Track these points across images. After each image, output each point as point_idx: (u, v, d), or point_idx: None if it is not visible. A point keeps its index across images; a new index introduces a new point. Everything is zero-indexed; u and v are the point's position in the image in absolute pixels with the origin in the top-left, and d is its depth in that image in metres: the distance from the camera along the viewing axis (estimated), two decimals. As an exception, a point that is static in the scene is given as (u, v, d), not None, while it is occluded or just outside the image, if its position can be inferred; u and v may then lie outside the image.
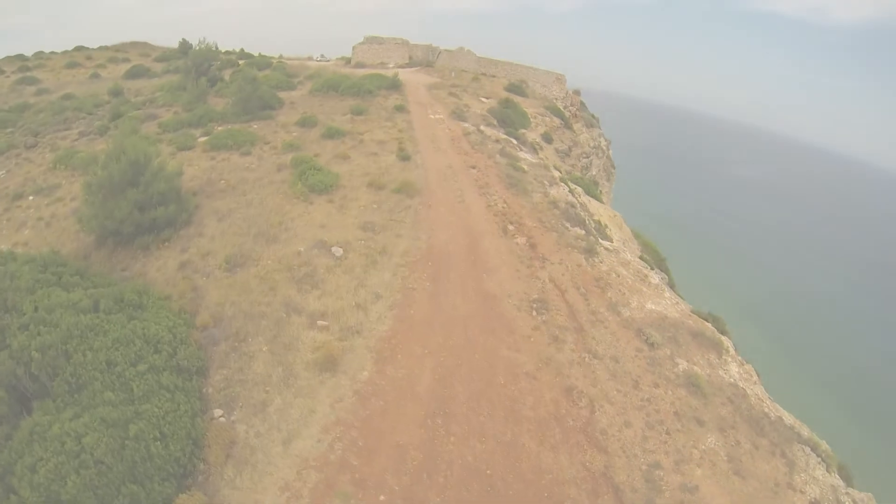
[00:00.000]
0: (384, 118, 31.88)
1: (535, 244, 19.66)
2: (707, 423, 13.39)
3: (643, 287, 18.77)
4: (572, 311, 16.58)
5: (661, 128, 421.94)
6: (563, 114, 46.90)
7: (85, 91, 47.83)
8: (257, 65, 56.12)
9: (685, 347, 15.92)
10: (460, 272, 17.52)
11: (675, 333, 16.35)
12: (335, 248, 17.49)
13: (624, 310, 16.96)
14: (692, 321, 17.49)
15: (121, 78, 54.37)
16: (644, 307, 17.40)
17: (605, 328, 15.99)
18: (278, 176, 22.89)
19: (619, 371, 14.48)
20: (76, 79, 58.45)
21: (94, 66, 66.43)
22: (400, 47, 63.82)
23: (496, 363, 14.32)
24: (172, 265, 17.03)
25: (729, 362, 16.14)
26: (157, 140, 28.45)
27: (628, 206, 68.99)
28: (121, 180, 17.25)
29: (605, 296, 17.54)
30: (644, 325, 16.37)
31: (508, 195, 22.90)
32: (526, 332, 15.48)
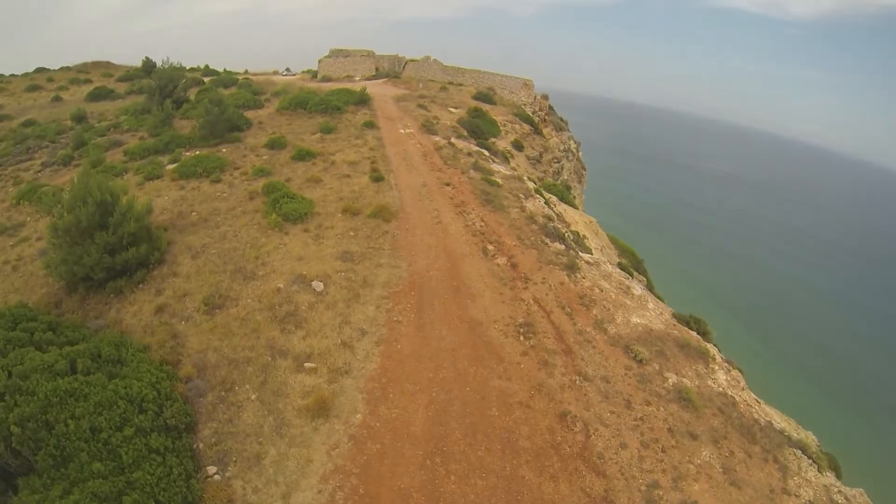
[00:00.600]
0: (354, 136, 31.52)
1: (516, 264, 19.68)
2: (700, 437, 13.66)
3: (627, 300, 18.99)
4: (559, 333, 16.65)
5: (628, 126, 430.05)
6: (533, 119, 47.14)
7: (47, 116, 46.42)
8: (223, 82, 55.12)
9: (673, 360, 16.17)
10: (444, 300, 17.41)
11: (662, 347, 16.60)
12: (315, 283, 17.21)
13: (610, 326, 17.14)
14: (677, 331, 17.83)
15: (83, 100, 52.95)
16: (629, 321, 17.64)
17: (593, 348, 16.11)
18: (251, 205, 22.44)
19: (611, 392, 14.61)
20: (37, 102, 56.83)
21: (55, 88, 64.95)
22: (366, 59, 63.42)
23: (488, 394, 14.27)
24: (148, 309, 16.54)
25: (716, 370, 16.48)
26: (124, 169, 27.76)
27: (600, 205, 70.13)
28: (88, 224, 16.64)
29: (591, 313, 17.69)
30: (631, 340, 16.57)
31: (485, 212, 22.88)
32: (515, 359, 15.47)
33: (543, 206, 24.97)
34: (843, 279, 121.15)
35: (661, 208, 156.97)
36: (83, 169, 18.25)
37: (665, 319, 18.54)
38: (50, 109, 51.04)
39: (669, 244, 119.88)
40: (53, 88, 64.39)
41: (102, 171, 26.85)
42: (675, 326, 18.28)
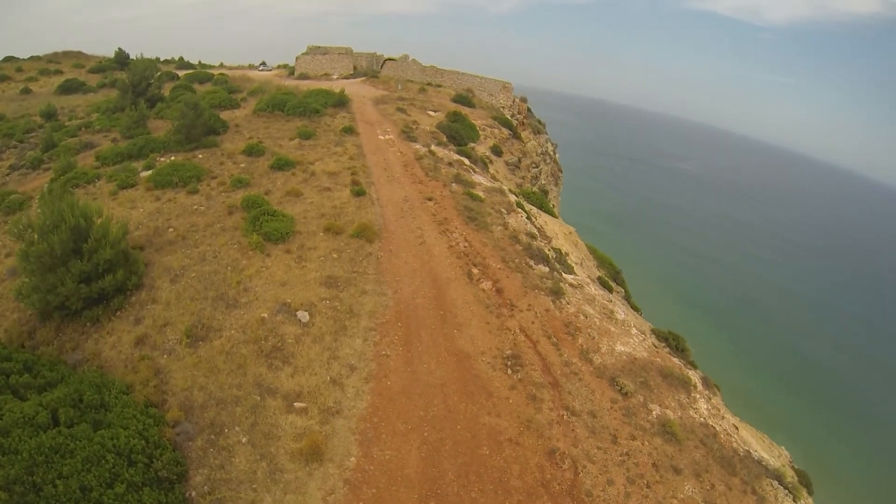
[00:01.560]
0: (333, 142, 30.96)
1: (501, 289, 19.72)
2: (683, 471, 14.01)
3: (611, 326, 19.28)
4: (546, 365, 16.79)
5: (602, 125, 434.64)
6: (511, 123, 47.03)
7: (15, 110, 44.68)
8: (198, 78, 53.70)
9: (656, 391, 16.52)
10: (431, 331, 17.37)
11: (646, 377, 16.92)
12: (301, 313, 16.98)
13: (595, 356, 17.38)
14: (660, 359, 18.19)
15: (54, 93, 51.06)
16: (614, 350, 17.91)
17: (579, 380, 16.32)
18: (230, 220, 21.93)
19: (598, 426, 14.86)
20: (6, 94, 54.76)
21: (24, 79, 63.02)
22: (344, 57, 62.24)
23: (479, 432, 14.34)
24: (128, 340, 16.09)
25: (698, 399, 16.93)
26: (96, 175, 26.82)
27: (574, 205, 70.80)
28: (62, 251, 16.02)
29: (576, 343, 17.90)
30: (616, 371, 16.88)
31: (469, 231, 22.82)
32: (503, 394, 15.55)
33: (526, 223, 25.03)
34: (811, 281, 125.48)
35: (634, 208, 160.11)
36: (54, 187, 17.46)
37: (648, 346, 18.89)
38: (19, 102, 49.11)
39: (641, 244, 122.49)
40: (22, 80, 62.39)
41: (73, 178, 25.99)
42: (658, 353, 18.67)
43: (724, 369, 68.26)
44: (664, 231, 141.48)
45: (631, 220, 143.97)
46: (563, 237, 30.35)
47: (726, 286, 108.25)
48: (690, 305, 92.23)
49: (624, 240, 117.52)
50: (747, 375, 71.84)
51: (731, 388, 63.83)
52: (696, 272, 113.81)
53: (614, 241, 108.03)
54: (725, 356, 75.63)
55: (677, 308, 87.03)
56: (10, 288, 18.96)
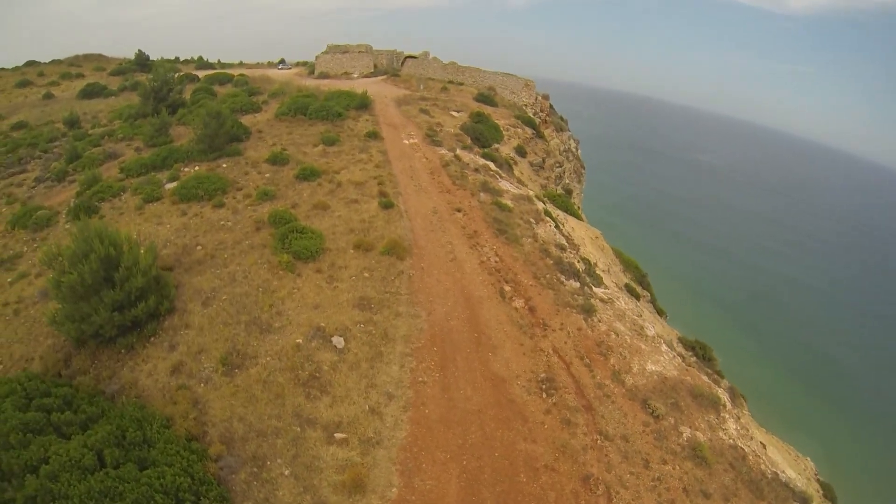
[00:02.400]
0: (358, 148, 30.61)
1: (533, 307, 19.53)
2: (713, 495, 14.04)
3: (642, 344, 19.13)
4: (580, 387, 16.76)
5: (623, 117, 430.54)
6: (534, 122, 46.31)
7: (38, 116, 45.16)
8: (218, 79, 53.68)
9: (687, 412, 16.48)
10: (466, 354, 17.21)
11: (677, 398, 16.88)
12: (336, 339, 16.84)
13: (627, 377, 17.34)
14: (690, 377, 18.06)
15: (75, 98, 51.52)
16: (645, 370, 17.83)
17: (612, 403, 16.29)
18: (258, 237, 21.77)
19: (630, 451, 14.87)
20: (28, 100, 55.61)
21: (46, 83, 64.06)
22: (364, 56, 61.60)
23: (516, 459, 14.33)
24: (164, 368, 16.08)
25: (727, 420, 16.89)
26: (121, 188, 26.81)
27: (593, 200, 70.18)
28: (93, 281, 15.98)
29: (609, 363, 17.86)
30: (648, 393, 16.83)
31: (499, 244, 22.53)
32: (539, 418, 15.53)
33: (555, 233, 24.66)
34: (835, 275, 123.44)
35: (652, 203, 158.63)
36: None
37: (678, 364, 18.78)
38: (41, 108, 49.58)
39: (659, 239, 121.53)
40: (44, 84, 63.33)
41: (98, 192, 26.02)
42: (688, 371, 18.55)
43: (744, 367, 68.04)
44: (682, 226, 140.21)
45: (649, 215, 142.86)
46: (589, 242, 29.94)
47: (746, 281, 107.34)
48: (709, 301, 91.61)
49: (642, 235, 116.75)
50: (769, 372, 71.36)
51: (756, 386, 63.71)
52: (715, 267, 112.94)
53: (632, 236, 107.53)
54: (747, 353, 75.14)
55: (697, 304, 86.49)
56: (42, 311, 19.05)
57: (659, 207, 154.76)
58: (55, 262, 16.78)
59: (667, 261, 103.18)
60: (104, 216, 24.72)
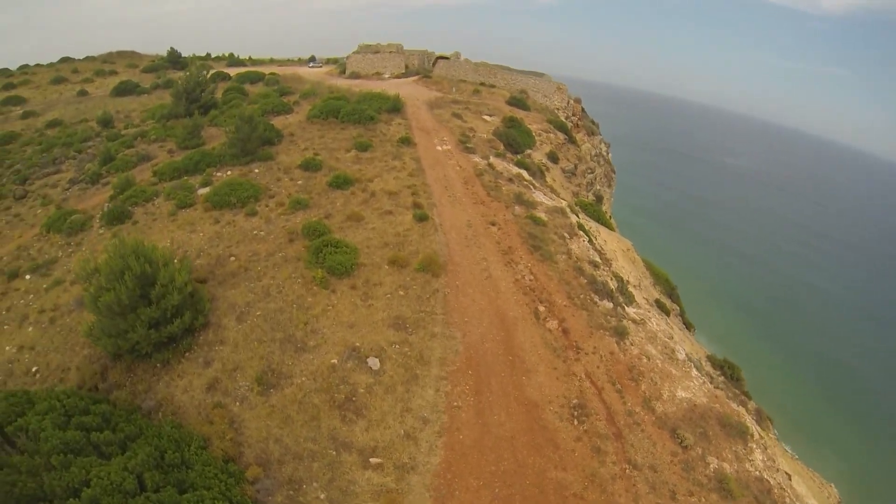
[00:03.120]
0: (391, 155, 30.35)
1: (567, 329, 19.27)
2: None
3: (672, 369, 19.00)
4: (610, 414, 16.63)
5: (652, 118, 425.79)
6: (566, 126, 45.64)
7: (73, 113, 46.01)
8: (249, 78, 53.98)
9: (714, 442, 16.43)
10: (500, 378, 16.99)
11: (705, 427, 16.82)
12: (371, 360, 16.70)
13: (658, 405, 17.23)
14: (719, 405, 17.92)
15: (109, 95, 52.42)
16: (675, 397, 17.73)
17: (641, 431, 16.20)
18: (291, 249, 21.69)
19: (658, 482, 14.79)
20: (63, 97, 56.90)
21: (80, 80, 65.65)
22: (395, 56, 61.38)
23: (546, 487, 14.26)
24: (199, 385, 16.10)
25: (754, 450, 16.83)
26: (154, 193, 26.98)
27: (621, 201, 69.42)
28: (130, 300, 16.03)
29: (640, 389, 17.72)
30: (677, 421, 16.76)
31: (533, 261, 22.18)
32: (570, 446, 15.43)
33: (588, 249, 24.26)
34: (858, 286, 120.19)
35: (680, 206, 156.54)
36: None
37: (707, 390, 18.65)
38: (76, 105, 50.48)
39: (687, 243, 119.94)
40: (78, 81, 64.79)
41: (132, 196, 26.21)
42: (717, 398, 18.39)
43: (767, 374, 66.93)
44: (708, 228, 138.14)
45: (674, 217, 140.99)
46: (621, 255, 29.46)
47: (772, 287, 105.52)
48: (734, 305, 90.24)
49: (666, 236, 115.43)
50: (791, 380, 70.27)
51: (779, 395, 62.70)
52: (740, 271, 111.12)
53: (656, 237, 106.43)
54: (771, 360, 73.99)
55: (721, 307, 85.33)
56: (78, 320, 19.28)
57: (684, 209, 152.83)
58: (92, 277, 16.88)
59: (691, 262, 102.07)
60: (138, 222, 24.94)
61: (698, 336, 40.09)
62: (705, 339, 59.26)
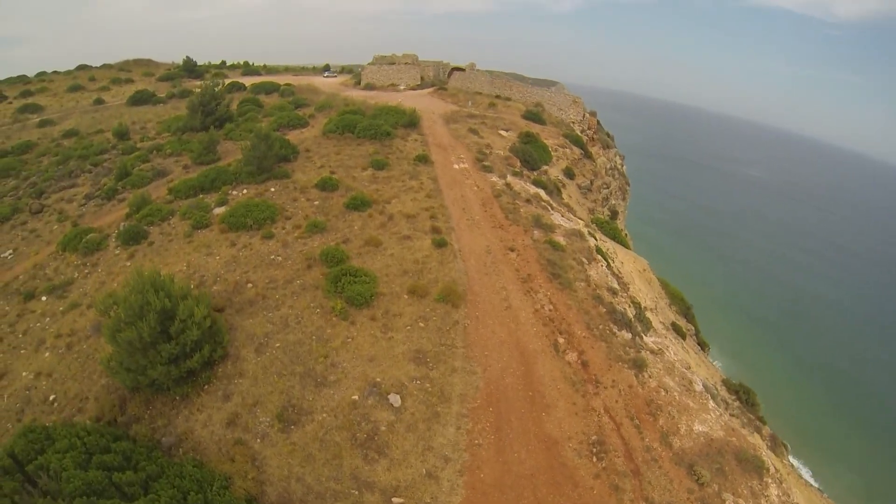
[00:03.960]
0: (408, 174, 30.21)
1: (586, 362, 19.14)
2: None
3: (690, 401, 18.93)
4: (628, 450, 16.59)
5: (666, 126, 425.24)
6: (582, 141, 45.37)
7: (89, 123, 46.38)
8: (264, 89, 54.33)
9: (731, 478, 16.42)
10: (521, 415, 16.88)
11: (722, 462, 16.81)
12: (392, 397, 16.58)
13: (675, 440, 17.19)
14: (735, 439, 17.93)
15: (125, 105, 52.91)
16: (692, 431, 17.68)
17: (659, 468, 16.16)
18: (309, 276, 21.57)
19: None
20: (79, 105, 57.54)
21: (97, 88, 66.44)
22: (411, 68, 61.56)
23: (565, 526, 14.23)
24: (219, 420, 16.03)
25: (769, 485, 16.88)
26: (170, 211, 26.97)
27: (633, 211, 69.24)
28: (151, 338, 15.98)
29: (657, 424, 17.65)
30: (694, 457, 16.76)
31: (553, 290, 22.00)
32: (588, 483, 15.43)
33: (606, 274, 24.07)
34: (872, 298, 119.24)
35: (694, 217, 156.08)
36: (135, 274, 17.29)
37: (724, 423, 18.63)
38: (92, 114, 50.88)
39: (699, 255, 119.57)
40: (95, 89, 65.45)
41: (148, 215, 26.20)
42: (734, 431, 18.36)
43: (778, 386, 66.47)
44: (720, 240, 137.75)
45: (686, 228, 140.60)
46: (637, 276, 29.23)
47: (783, 299, 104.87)
48: (744, 317, 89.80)
49: (678, 248, 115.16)
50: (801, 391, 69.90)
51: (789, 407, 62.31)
52: (751, 284, 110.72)
53: (668, 250, 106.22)
54: (783, 372, 73.56)
55: (732, 320, 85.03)
56: (95, 347, 19.27)
57: (693, 219, 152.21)
58: (111, 310, 16.87)
59: (700, 272, 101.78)
60: (153, 242, 24.91)
61: (711, 349, 39.89)
62: (717, 351, 59.17)
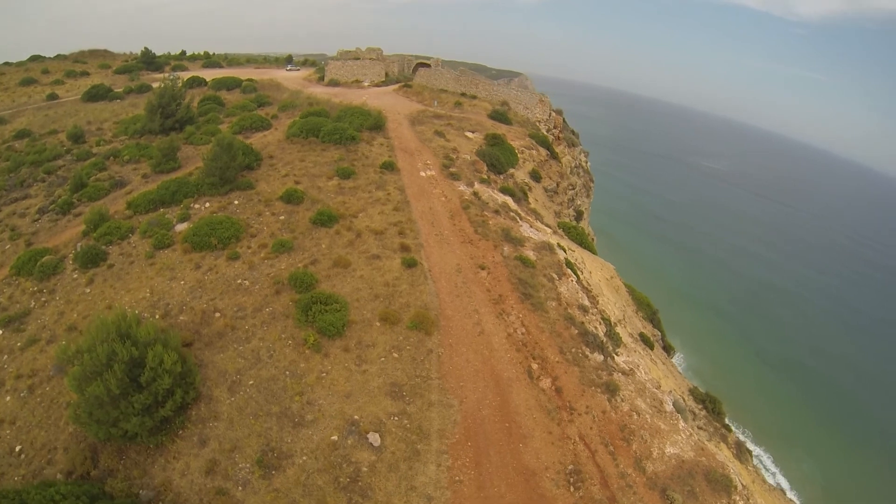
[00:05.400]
0: (375, 184, 29.75)
1: (560, 388, 19.60)
2: None
3: (661, 423, 19.72)
4: (604, 478, 17.16)
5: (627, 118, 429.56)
6: (548, 141, 45.30)
7: (42, 122, 43.95)
8: (226, 85, 52.58)
9: (701, 499, 17.28)
10: (499, 448, 17.21)
11: (693, 484, 17.63)
12: (372, 436, 16.63)
13: (648, 464, 17.92)
14: (705, 458, 18.82)
15: (80, 100, 50.12)
16: (664, 454, 18.48)
17: (633, 494, 16.81)
18: (279, 303, 21.16)
19: None
20: (32, 100, 54.33)
21: (50, 81, 63.04)
22: (375, 64, 60.03)
23: (545, 558, 14.86)
24: (197, 467, 15.80)
25: (737, 502, 17.83)
26: (129, 228, 26.00)
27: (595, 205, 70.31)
28: (120, 390, 15.52)
29: (631, 449, 18.32)
30: (667, 480, 17.51)
31: (525, 311, 22.28)
32: None
33: (577, 291, 24.48)
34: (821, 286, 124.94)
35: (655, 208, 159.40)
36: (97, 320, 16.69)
37: (694, 443, 19.47)
38: (45, 112, 48.35)
39: (659, 248, 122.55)
40: (49, 83, 62.10)
41: (106, 234, 25.21)
42: (703, 451, 19.20)
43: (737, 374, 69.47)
44: (682, 233, 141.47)
45: (649, 222, 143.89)
46: (605, 285, 29.82)
47: (740, 290, 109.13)
48: (704, 308, 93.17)
49: (641, 242, 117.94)
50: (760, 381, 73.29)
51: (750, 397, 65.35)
52: (711, 276, 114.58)
53: (632, 244, 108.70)
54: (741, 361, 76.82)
55: (692, 311, 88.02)
56: (59, 390, 18.63)
57: (657, 212, 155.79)
58: (75, 359, 16.25)
59: (662, 265, 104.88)
60: (113, 265, 24.02)
61: (674, 341, 41.23)
62: (679, 343, 61.21)
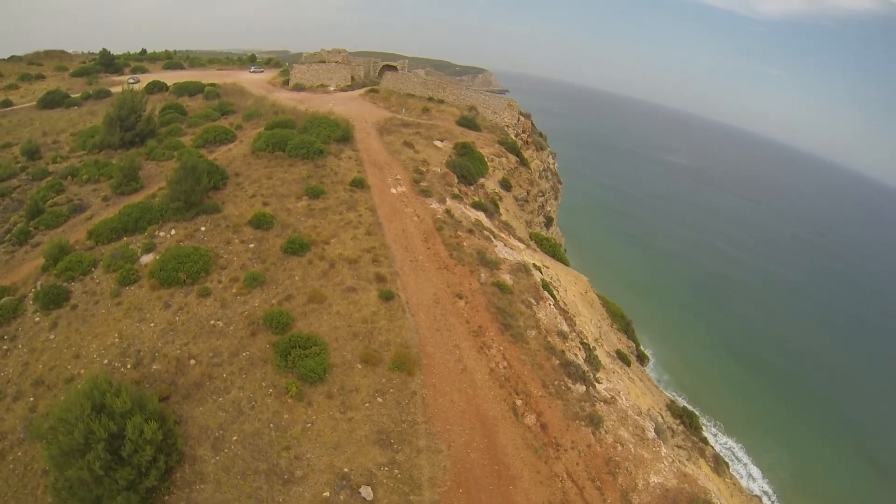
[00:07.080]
0: (345, 205, 28.95)
1: (545, 423, 19.90)
2: None
3: (644, 452, 20.46)
4: None
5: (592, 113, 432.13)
6: (517, 147, 44.94)
7: None
8: (188, 90, 50.61)
9: None
10: (489, 492, 17.41)
11: None
12: (364, 490, 16.46)
13: (634, 496, 18.65)
14: (687, 485, 19.66)
15: (35, 107, 47.33)
16: (649, 485, 19.22)
17: None
18: (256, 346, 20.47)
19: None
20: None
21: (4, 87, 59.73)
22: (341, 68, 58.59)
23: None
24: (190, 543, 15.43)
25: None
26: (91, 262, 24.81)
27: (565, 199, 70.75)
28: (102, 468, 14.92)
29: (617, 483, 18.92)
30: None
31: (505, 343, 22.36)
32: None
33: (555, 315, 24.69)
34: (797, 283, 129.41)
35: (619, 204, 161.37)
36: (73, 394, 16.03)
37: (676, 470, 20.26)
38: None
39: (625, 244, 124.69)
40: (2, 88, 57.97)
41: (67, 270, 24.05)
42: (686, 478, 20.03)
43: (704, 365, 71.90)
44: (644, 228, 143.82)
45: (613, 217, 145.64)
46: (580, 301, 30.13)
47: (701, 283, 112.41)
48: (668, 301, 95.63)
49: (605, 238, 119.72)
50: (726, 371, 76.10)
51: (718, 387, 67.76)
52: (674, 270, 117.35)
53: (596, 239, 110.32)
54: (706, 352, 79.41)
55: (656, 305, 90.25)
56: (31, 455, 17.78)
57: (623, 209, 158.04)
58: (48, 435, 15.56)
59: (627, 261, 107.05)
60: (77, 305, 22.87)
61: (642, 337, 42.19)
62: (647, 339, 62.75)
